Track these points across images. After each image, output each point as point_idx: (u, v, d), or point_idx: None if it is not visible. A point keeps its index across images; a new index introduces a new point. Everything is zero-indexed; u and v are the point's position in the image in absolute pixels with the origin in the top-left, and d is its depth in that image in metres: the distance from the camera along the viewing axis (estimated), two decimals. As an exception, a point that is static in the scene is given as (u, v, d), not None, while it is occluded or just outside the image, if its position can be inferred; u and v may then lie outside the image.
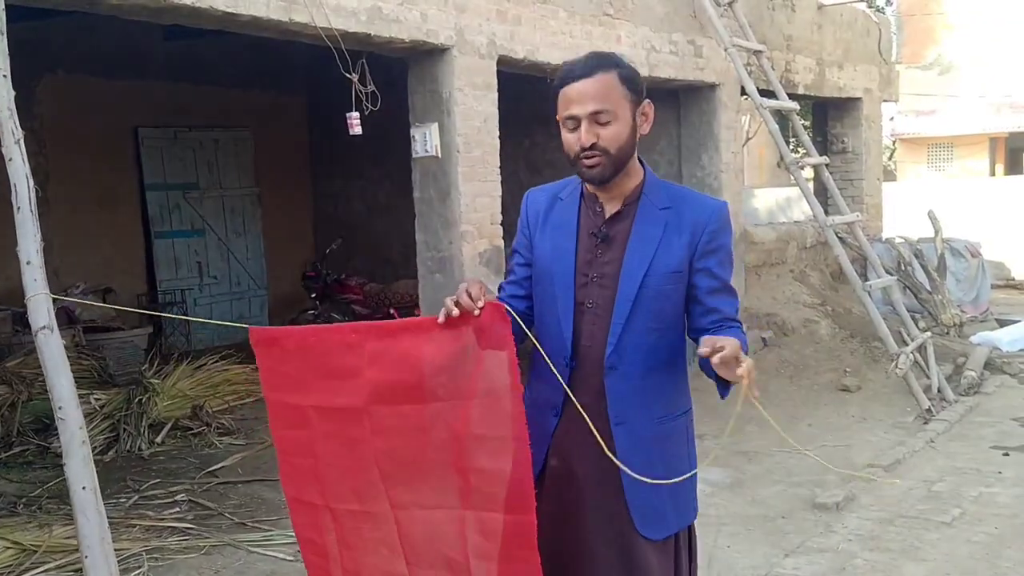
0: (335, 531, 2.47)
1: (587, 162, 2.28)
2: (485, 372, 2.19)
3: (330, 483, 2.44)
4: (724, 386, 2.25)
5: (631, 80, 2.32)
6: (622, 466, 2.22)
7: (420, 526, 2.35)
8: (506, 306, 2.18)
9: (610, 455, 2.20)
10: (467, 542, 2.28)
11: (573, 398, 2.23)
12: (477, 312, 2.15)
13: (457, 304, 2.17)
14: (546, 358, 2.27)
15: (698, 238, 2.31)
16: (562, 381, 2.26)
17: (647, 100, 2.37)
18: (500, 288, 2.54)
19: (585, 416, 2.19)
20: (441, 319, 2.18)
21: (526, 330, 2.28)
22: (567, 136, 2.31)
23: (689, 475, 2.36)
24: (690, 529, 2.50)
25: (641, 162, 2.42)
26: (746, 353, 2.17)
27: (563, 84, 2.31)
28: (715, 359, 2.07)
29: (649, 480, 2.22)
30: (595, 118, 2.26)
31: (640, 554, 2.31)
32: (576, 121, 2.28)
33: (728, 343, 2.07)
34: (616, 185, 2.35)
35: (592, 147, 2.27)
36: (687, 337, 2.42)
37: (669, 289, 2.30)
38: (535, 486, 2.22)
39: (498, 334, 2.18)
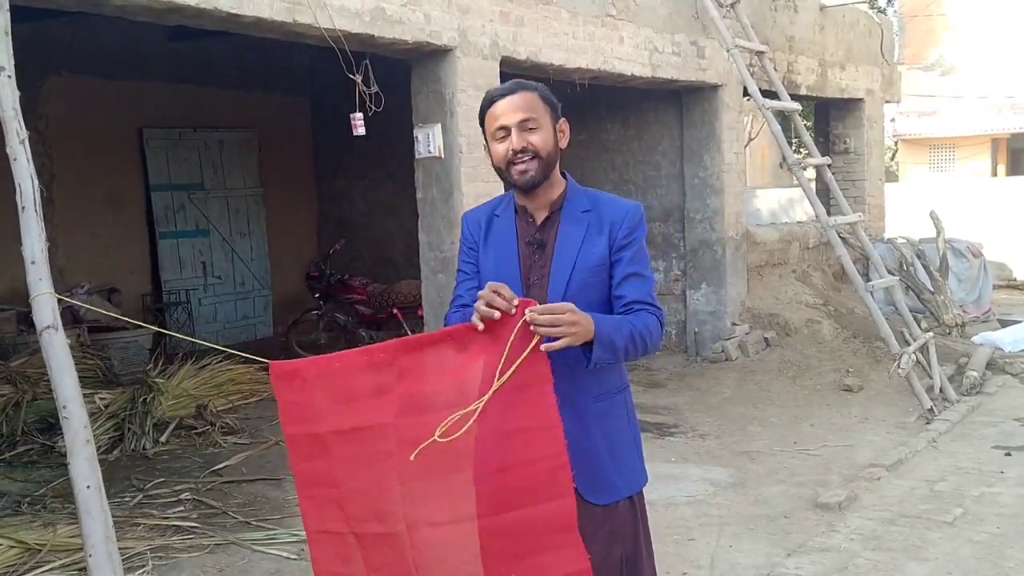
0: (362, 556, 2.49)
1: (519, 167, 2.52)
2: (519, 369, 2.29)
3: (352, 507, 2.47)
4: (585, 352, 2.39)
5: (549, 99, 2.59)
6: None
7: (430, 548, 2.38)
8: (527, 318, 2.28)
9: None
10: (491, 551, 2.32)
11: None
12: (513, 310, 2.29)
13: (491, 306, 2.31)
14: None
15: (615, 234, 2.56)
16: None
17: (563, 119, 2.62)
18: (452, 310, 2.70)
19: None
20: (481, 326, 2.31)
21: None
22: (498, 148, 2.54)
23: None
24: (640, 496, 2.68)
25: (563, 174, 2.65)
26: (632, 331, 2.43)
27: (490, 104, 2.56)
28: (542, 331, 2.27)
29: None
30: (523, 125, 2.51)
31: (585, 518, 2.42)
32: (506, 131, 2.52)
33: (537, 309, 2.28)
34: (543, 194, 2.59)
35: (523, 150, 2.51)
36: None
37: (594, 281, 2.54)
38: None
39: (528, 339, 2.27)
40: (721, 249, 9.24)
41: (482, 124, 2.60)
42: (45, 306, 3.40)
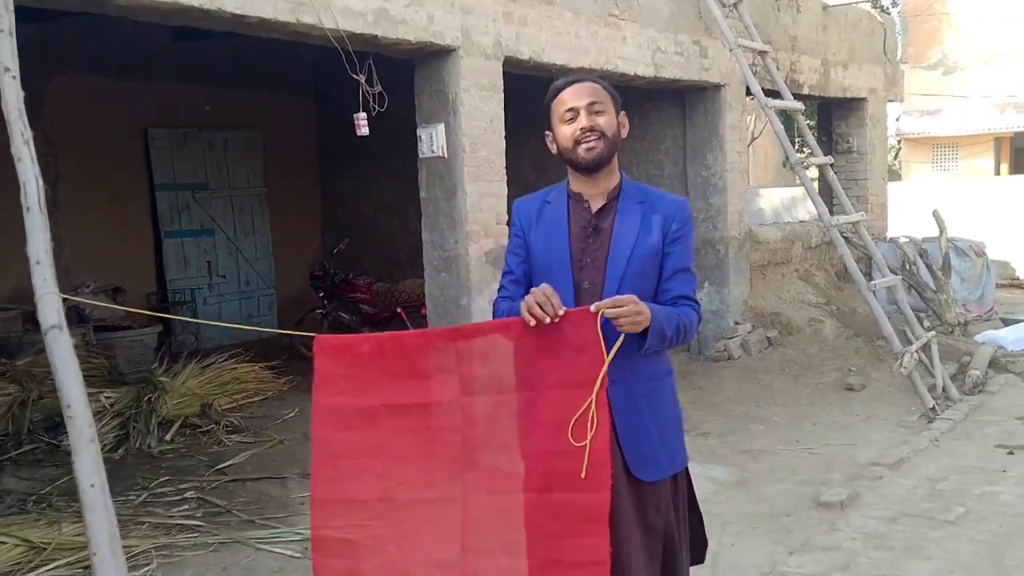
0: (386, 521, 2.59)
1: (587, 144, 2.68)
2: (577, 365, 2.48)
3: (399, 474, 2.59)
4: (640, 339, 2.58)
5: (612, 91, 2.78)
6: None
7: (487, 512, 2.54)
8: (599, 312, 2.47)
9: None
10: (532, 522, 2.50)
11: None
12: (552, 320, 2.47)
13: (532, 312, 2.49)
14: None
15: (668, 226, 2.73)
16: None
17: (623, 112, 2.80)
18: (501, 287, 2.88)
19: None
20: (532, 322, 2.48)
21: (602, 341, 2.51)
22: (565, 129, 2.72)
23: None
24: (687, 472, 2.86)
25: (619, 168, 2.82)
26: (679, 324, 2.63)
27: (557, 92, 2.76)
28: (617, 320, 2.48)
29: None
30: (591, 108, 2.70)
31: (632, 494, 2.63)
32: (575, 112, 2.70)
33: (606, 302, 2.50)
34: (603, 180, 2.76)
35: (592, 129, 2.68)
36: None
37: (649, 268, 2.71)
38: None
39: (587, 334, 2.45)
40: (724, 248, 9.25)
41: (547, 114, 2.77)
42: (50, 306, 3.41)
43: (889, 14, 16.80)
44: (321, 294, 10.12)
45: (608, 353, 2.45)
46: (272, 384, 8.03)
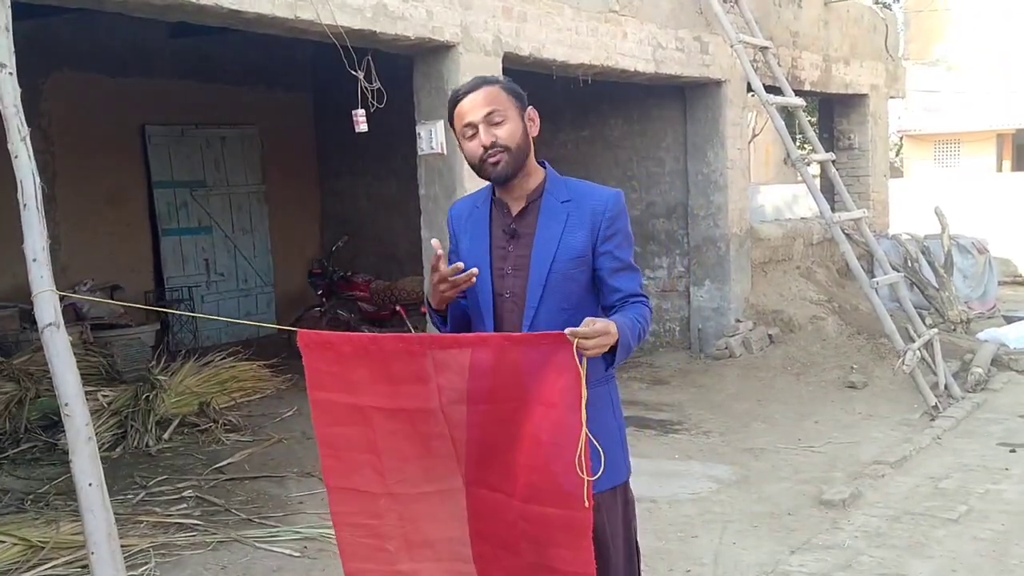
0: (396, 510, 2.60)
1: (491, 160, 2.55)
2: (553, 388, 2.37)
3: (396, 472, 2.57)
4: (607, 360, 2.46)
5: (513, 90, 2.62)
6: None
7: (487, 505, 2.53)
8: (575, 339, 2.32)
9: None
10: (517, 527, 2.47)
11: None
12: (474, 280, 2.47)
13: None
14: None
15: (598, 225, 2.57)
16: None
17: (531, 107, 2.64)
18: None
19: None
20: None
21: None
22: (468, 145, 2.58)
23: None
24: (625, 487, 2.70)
25: (543, 164, 2.68)
26: (640, 329, 2.49)
27: (455, 103, 2.60)
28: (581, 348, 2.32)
29: None
30: (489, 119, 2.54)
31: None
32: (473, 128, 2.55)
33: (582, 330, 2.31)
34: (518, 185, 2.62)
35: (493, 145, 2.53)
36: (601, 312, 2.63)
37: (575, 272, 2.57)
38: None
39: (563, 360, 2.34)
40: (725, 245, 9.22)
41: (452, 126, 2.64)
42: (47, 303, 3.39)
43: (891, 10, 16.78)
44: (320, 292, 10.10)
45: (583, 380, 2.33)
46: (270, 382, 8.00)
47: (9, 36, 3.73)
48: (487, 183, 2.70)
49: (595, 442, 2.34)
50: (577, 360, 2.32)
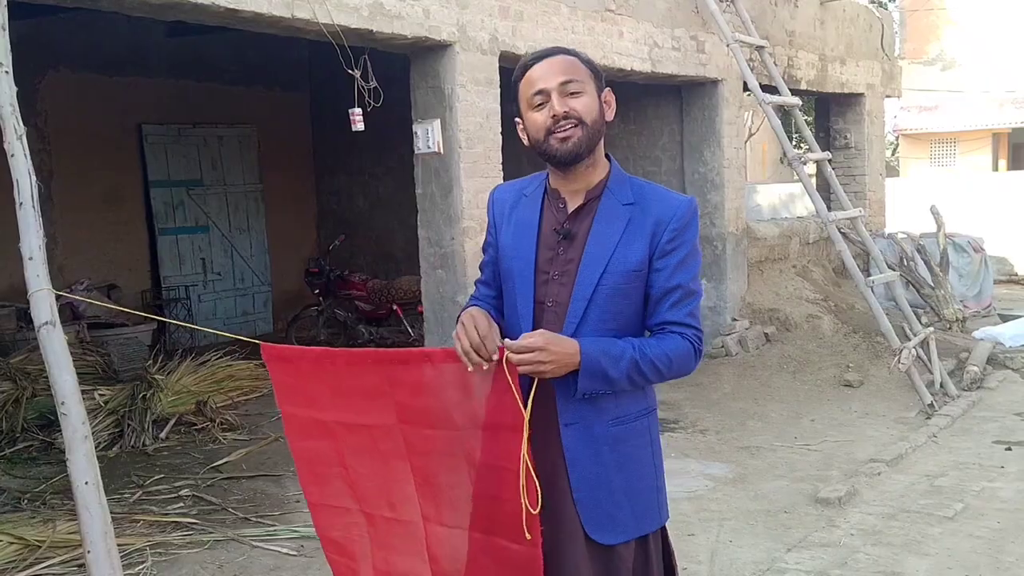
0: (369, 533, 2.51)
1: (561, 134, 2.18)
2: (496, 406, 2.19)
3: (364, 490, 2.47)
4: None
5: (592, 65, 2.28)
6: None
7: (444, 544, 2.39)
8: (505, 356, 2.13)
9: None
10: (477, 564, 2.31)
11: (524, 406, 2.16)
12: (493, 361, 2.14)
13: (475, 351, 2.15)
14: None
15: (659, 236, 2.22)
16: (518, 398, 2.17)
17: (608, 88, 2.29)
18: (476, 287, 2.51)
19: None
20: (469, 367, 2.16)
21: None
22: (535, 116, 2.22)
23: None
24: (662, 534, 2.39)
25: (608, 156, 2.33)
26: (642, 361, 2.17)
27: (525, 70, 2.25)
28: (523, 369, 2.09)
29: None
30: (564, 89, 2.20)
31: (583, 556, 2.23)
32: (545, 95, 2.20)
33: (511, 343, 2.09)
34: (582, 174, 2.26)
35: (566, 116, 2.18)
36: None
37: (628, 288, 2.22)
38: None
39: (501, 375, 2.16)
40: (721, 244, 9.24)
41: (515, 97, 2.28)
42: (43, 302, 3.39)
43: (887, 9, 16.80)
44: (317, 291, 10.09)
45: (525, 401, 2.11)
46: (267, 381, 7.95)
47: (5, 35, 3.73)
48: (537, 173, 2.38)
49: (532, 471, 2.11)
50: (508, 375, 2.11)
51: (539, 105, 2.21)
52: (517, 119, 2.31)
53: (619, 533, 2.25)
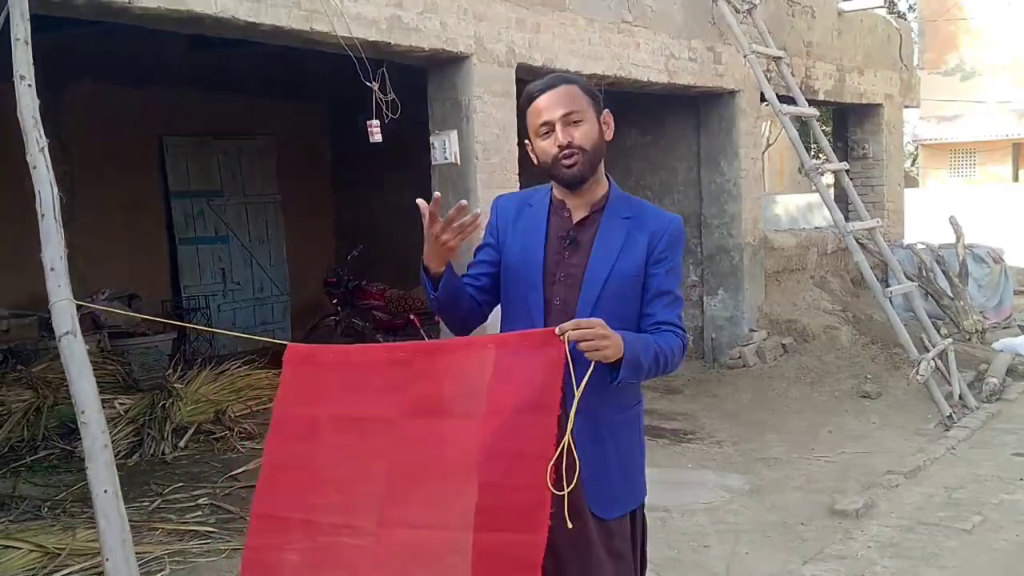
0: (303, 548, 2.45)
1: (566, 162, 2.47)
2: (528, 390, 2.25)
3: (319, 495, 2.45)
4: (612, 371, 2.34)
5: (590, 90, 2.54)
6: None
7: (400, 548, 2.34)
8: (565, 336, 2.22)
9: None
10: (444, 562, 2.28)
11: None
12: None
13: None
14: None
15: (654, 245, 2.51)
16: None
17: (606, 110, 2.56)
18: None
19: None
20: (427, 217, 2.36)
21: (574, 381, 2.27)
22: (543, 144, 2.50)
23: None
24: (642, 508, 2.66)
25: (607, 176, 2.60)
26: (660, 354, 2.40)
27: (530, 101, 2.52)
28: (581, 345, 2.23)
29: None
30: (567, 119, 2.46)
31: (588, 531, 2.46)
32: (550, 126, 2.47)
33: (571, 324, 2.24)
34: (586, 191, 2.54)
35: (569, 145, 2.46)
36: None
37: (628, 292, 2.49)
38: None
39: (551, 358, 2.23)
40: (739, 255, 9.22)
41: (524, 121, 2.57)
42: (64, 312, 3.44)
43: (906, 19, 16.74)
44: (335, 301, 10.13)
45: (577, 384, 2.20)
46: (286, 391, 8.02)
47: (28, 48, 3.79)
48: (539, 186, 2.64)
49: (575, 452, 2.20)
50: (570, 360, 2.20)
51: (546, 134, 2.49)
52: (527, 141, 2.58)
53: (617, 508, 2.53)
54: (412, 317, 9.61)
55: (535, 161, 2.56)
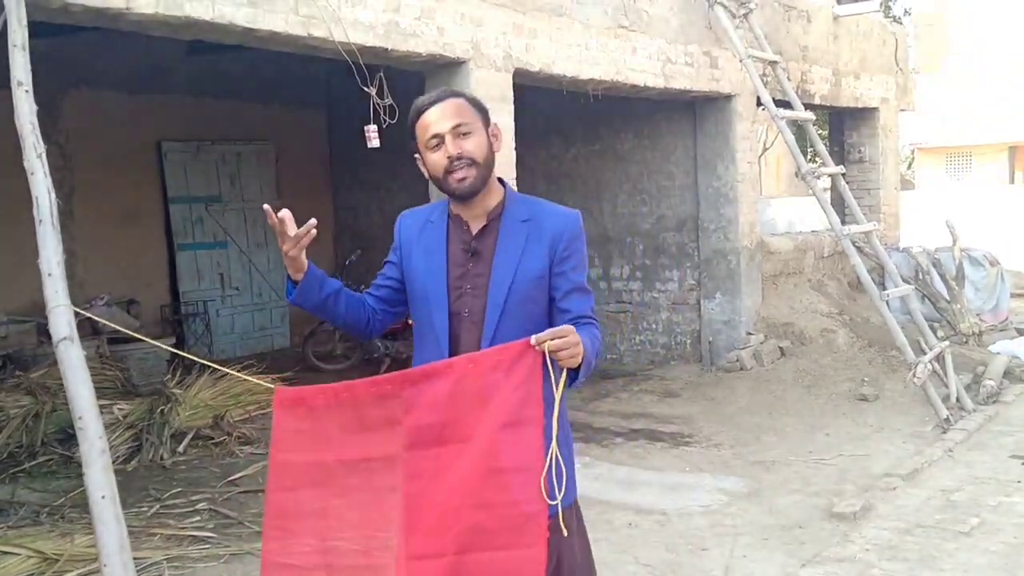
0: None
1: (457, 175, 2.49)
2: (510, 404, 2.27)
3: (337, 538, 2.45)
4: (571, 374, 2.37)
5: (478, 103, 2.59)
6: None
7: None
8: (544, 347, 2.25)
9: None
10: None
11: None
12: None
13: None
14: None
15: (557, 245, 2.53)
16: None
17: (495, 122, 2.60)
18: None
19: None
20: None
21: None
22: (433, 157, 2.52)
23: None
24: (575, 508, 2.62)
25: (501, 181, 2.63)
26: (595, 349, 2.43)
27: (419, 114, 2.54)
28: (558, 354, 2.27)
29: None
30: (457, 131, 2.49)
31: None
32: (439, 139, 2.50)
33: (547, 335, 2.27)
34: (480, 202, 2.56)
35: (460, 156, 2.48)
36: None
37: (534, 293, 2.52)
38: None
39: (526, 369, 2.26)
40: (735, 258, 9.24)
41: (413, 136, 2.57)
42: (61, 318, 3.45)
43: (901, 23, 16.78)
44: (333, 306, 10.12)
45: (556, 390, 2.24)
46: (284, 396, 8.03)
47: (26, 54, 3.81)
48: (439, 201, 2.67)
49: (560, 460, 2.23)
50: (551, 369, 2.24)
51: (436, 146, 2.51)
52: (416, 155, 2.61)
53: (569, 496, 2.47)
54: (410, 322, 9.59)
55: (426, 175, 2.60)
